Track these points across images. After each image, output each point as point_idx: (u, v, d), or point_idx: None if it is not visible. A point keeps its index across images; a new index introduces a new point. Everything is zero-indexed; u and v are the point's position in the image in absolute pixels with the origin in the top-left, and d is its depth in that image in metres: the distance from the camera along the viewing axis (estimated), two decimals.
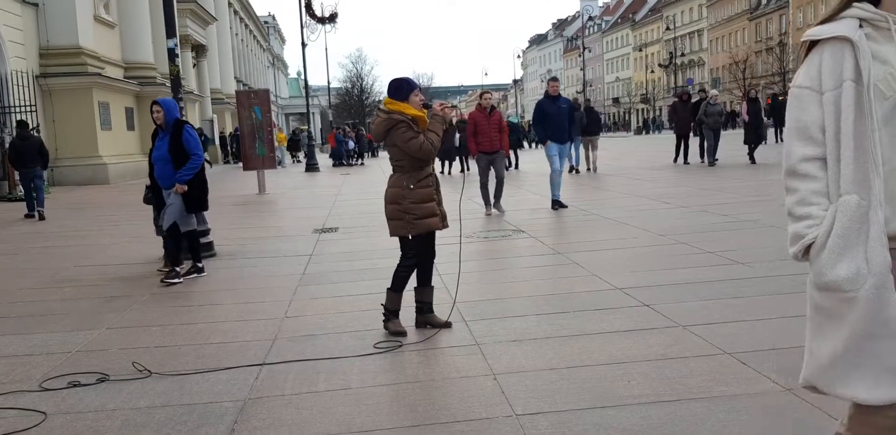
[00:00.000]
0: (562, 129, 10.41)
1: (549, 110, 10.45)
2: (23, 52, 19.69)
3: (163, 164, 6.70)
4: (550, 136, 10.42)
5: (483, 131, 10.11)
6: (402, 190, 4.48)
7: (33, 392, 3.78)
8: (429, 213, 4.49)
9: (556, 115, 10.36)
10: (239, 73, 50.44)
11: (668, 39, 74.83)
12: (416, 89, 4.56)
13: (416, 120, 4.45)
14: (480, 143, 10.15)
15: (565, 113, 10.50)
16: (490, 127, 10.13)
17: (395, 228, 4.56)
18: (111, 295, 6.16)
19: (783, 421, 3.01)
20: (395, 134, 4.42)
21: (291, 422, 3.28)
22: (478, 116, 10.21)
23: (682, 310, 4.71)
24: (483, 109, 10.25)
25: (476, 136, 10.17)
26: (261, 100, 17.22)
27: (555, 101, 10.50)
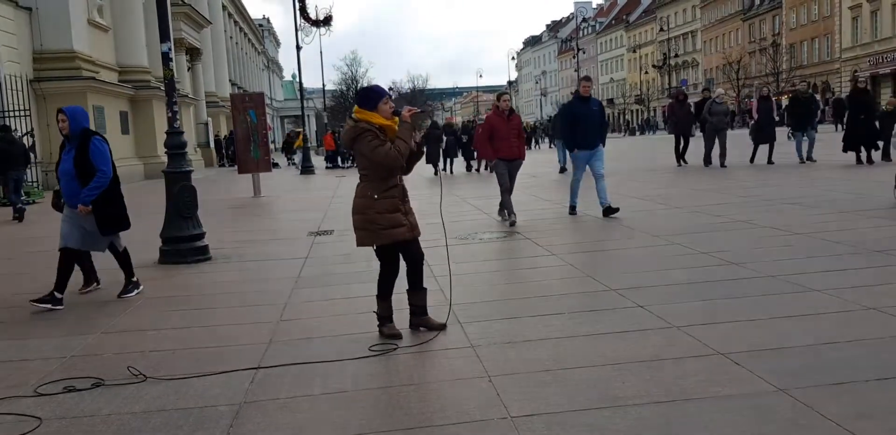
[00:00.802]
0: (594, 133, 9.47)
1: (580, 113, 9.48)
2: (16, 56, 19.66)
3: (68, 180, 5.99)
4: (580, 143, 9.48)
5: (501, 136, 9.25)
6: (367, 200, 4.47)
7: (28, 397, 3.78)
8: (395, 223, 4.46)
9: (587, 119, 9.41)
10: (234, 76, 50.41)
11: (661, 40, 75.02)
12: (385, 97, 4.49)
13: (383, 129, 4.42)
14: (499, 149, 9.33)
15: (597, 116, 9.59)
16: (509, 132, 9.28)
17: (361, 238, 4.56)
18: (106, 300, 6.16)
19: (777, 421, 3.02)
20: (361, 143, 4.40)
21: (287, 425, 3.28)
22: (495, 120, 9.37)
23: (676, 311, 4.73)
24: (501, 113, 9.36)
25: (493, 142, 9.31)
26: (256, 103, 17.21)
27: (586, 102, 9.53)
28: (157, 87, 25.43)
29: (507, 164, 9.41)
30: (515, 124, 9.45)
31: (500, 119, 9.33)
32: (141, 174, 24.65)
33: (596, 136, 9.53)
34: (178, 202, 7.84)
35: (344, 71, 78.82)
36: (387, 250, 4.58)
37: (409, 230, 4.55)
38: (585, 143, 9.47)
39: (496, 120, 9.37)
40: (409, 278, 4.67)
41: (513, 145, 9.33)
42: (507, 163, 9.41)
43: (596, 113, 9.58)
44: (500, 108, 9.39)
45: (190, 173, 8.07)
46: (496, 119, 9.38)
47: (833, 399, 3.19)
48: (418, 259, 4.65)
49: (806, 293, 5.01)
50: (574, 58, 70.52)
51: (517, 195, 13.85)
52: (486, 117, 9.65)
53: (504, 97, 9.59)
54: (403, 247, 4.59)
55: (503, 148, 9.31)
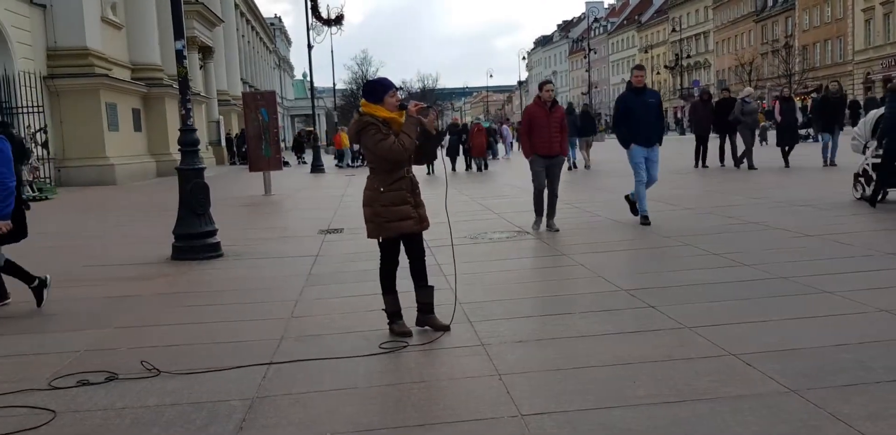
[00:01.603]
0: (650, 128, 8.61)
1: (634, 106, 8.60)
2: (30, 53, 19.78)
3: None
4: (636, 138, 8.59)
5: (541, 130, 8.32)
6: (374, 193, 4.47)
7: (42, 390, 3.81)
8: (401, 216, 4.45)
9: (642, 112, 8.54)
10: (245, 75, 50.58)
11: (673, 41, 74.81)
12: (392, 90, 4.48)
13: (387, 122, 4.40)
14: (537, 143, 8.40)
15: (653, 109, 8.70)
16: (550, 125, 8.32)
17: (369, 231, 4.58)
18: (119, 294, 6.20)
19: (788, 422, 3.02)
20: (366, 136, 4.40)
21: (299, 420, 3.30)
22: (535, 112, 8.43)
23: (687, 311, 4.72)
24: (542, 104, 8.40)
25: (531, 136, 8.44)
26: (267, 101, 17.27)
27: (640, 94, 8.67)
28: (169, 85, 25.53)
29: (546, 161, 8.49)
30: (558, 117, 8.44)
31: (542, 111, 8.41)
32: (153, 171, 24.76)
33: (652, 132, 8.64)
34: (191, 199, 7.88)
35: (354, 70, 78.98)
36: (391, 243, 4.57)
37: (417, 223, 4.53)
38: (641, 139, 8.62)
39: (537, 112, 8.45)
40: (413, 275, 4.65)
41: (553, 140, 8.37)
42: (546, 160, 8.48)
43: (652, 106, 8.68)
44: (542, 98, 8.43)
45: (203, 171, 8.11)
46: (537, 111, 8.45)
47: (845, 400, 3.18)
48: (419, 255, 4.62)
49: (818, 295, 4.99)
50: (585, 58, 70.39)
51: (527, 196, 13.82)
52: (526, 109, 8.82)
53: (547, 87, 8.50)
54: (408, 240, 4.59)
55: (542, 143, 8.39)
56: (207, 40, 35.15)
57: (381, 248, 4.62)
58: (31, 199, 16.58)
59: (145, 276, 7.06)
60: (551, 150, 8.41)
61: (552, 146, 8.39)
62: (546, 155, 8.43)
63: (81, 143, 20.81)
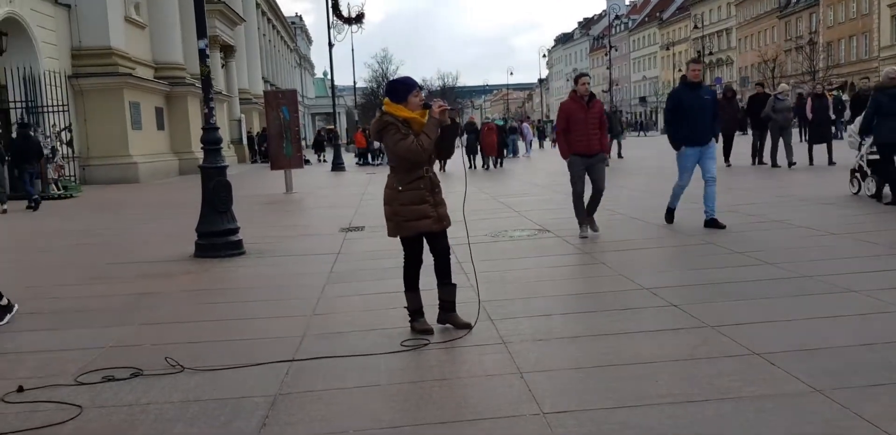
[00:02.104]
0: (704, 127, 7.94)
1: (688, 102, 7.94)
2: (55, 52, 20.03)
3: None
4: (687, 138, 7.96)
5: (578, 127, 7.74)
6: (393, 191, 4.49)
7: (69, 386, 3.86)
8: (419, 215, 4.45)
9: (697, 109, 7.87)
10: (266, 74, 50.85)
11: (695, 38, 74.14)
12: (415, 90, 4.47)
13: (408, 121, 4.40)
14: (575, 142, 7.82)
15: (709, 107, 8.01)
16: (588, 122, 7.73)
17: (389, 229, 4.60)
18: (143, 291, 6.26)
19: (813, 422, 2.99)
20: (386, 136, 4.42)
21: (322, 417, 3.32)
22: (571, 108, 7.80)
23: (710, 310, 4.69)
24: (579, 99, 7.77)
25: (569, 134, 7.85)
26: (288, 100, 17.35)
27: (695, 90, 7.99)
28: (191, 84, 25.74)
29: (585, 160, 7.86)
30: (596, 112, 7.80)
31: (578, 106, 7.77)
32: (176, 170, 24.98)
33: (707, 130, 8.02)
34: (214, 197, 7.94)
35: (375, 68, 79.13)
36: (411, 241, 4.58)
37: (436, 222, 4.52)
38: (695, 138, 7.95)
39: (573, 107, 7.80)
40: (436, 272, 4.65)
41: (591, 138, 7.78)
42: (585, 159, 7.85)
43: (708, 103, 8.04)
44: (578, 92, 7.78)
45: (225, 169, 8.17)
46: (573, 106, 7.81)
47: (871, 400, 3.15)
48: (443, 252, 4.61)
49: (842, 294, 4.94)
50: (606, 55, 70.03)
51: (547, 193, 13.84)
52: (562, 106, 8.04)
53: (582, 80, 7.86)
54: (429, 239, 4.59)
55: (580, 141, 7.78)
56: (229, 39, 35.37)
57: (403, 246, 4.64)
58: (55, 197, 16.81)
59: (168, 273, 7.13)
60: (590, 147, 7.81)
61: (591, 144, 7.80)
62: (585, 153, 7.83)
63: (105, 141, 21.04)
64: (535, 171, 20.39)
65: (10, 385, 3.84)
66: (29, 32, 18.74)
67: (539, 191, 14.35)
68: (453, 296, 4.66)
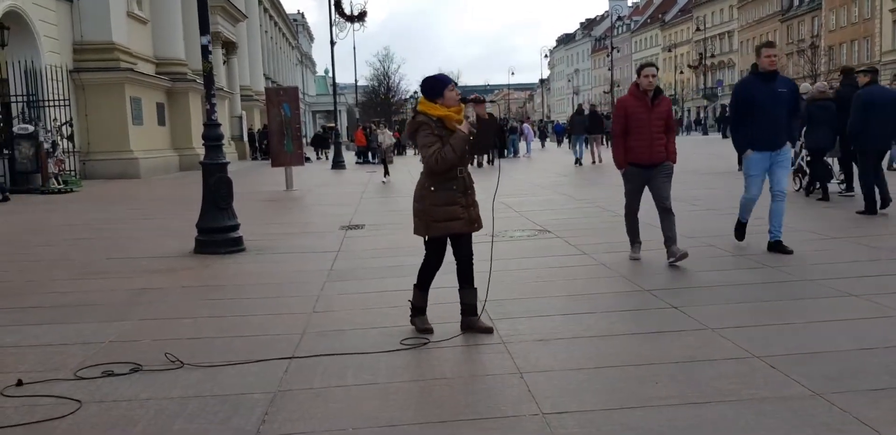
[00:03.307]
0: (777, 127, 6.44)
1: (759, 96, 6.41)
2: (57, 47, 19.99)
3: None
4: (756, 140, 6.48)
5: (641, 130, 6.23)
6: (425, 190, 4.42)
7: (68, 380, 3.86)
8: (449, 216, 4.38)
9: (770, 106, 6.37)
10: (268, 71, 50.80)
11: (697, 40, 74.20)
12: (451, 84, 4.37)
13: (441, 120, 4.32)
14: (634, 148, 6.29)
15: (785, 102, 6.45)
16: (651, 123, 6.23)
17: (416, 227, 4.54)
18: (143, 287, 6.26)
19: (812, 426, 2.99)
20: (418, 137, 4.35)
21: (320, 415, 3.32)
22: (631, 105, 6.31)
23: (710, 312, 4.69)
24: (641, 94, 6.28)
25: (627, 138, 6.34)
26: (290, 97, 17.34)
27: (769, 81, 6.42)
28: (193, 80, 25.71)
29: (646, 172, 6.35)
30: (662, 112, 6.31)
31: (640, 103, 6.27)
32: (176, 166, 24.95)
33: (782, 131, 6.47)
34: (215, 193, 7.93)
35: (376, 67, 79.08)
36: (436, 242, 4.53)
37: (466, 224, 4.45)
38: (765, 141, 6.45)
39: (633, 105, 6.30)
40: (458, 276, 4.60)
41: (656, 144, 6.24)
42: (646, 171, 6.34)
43: (784, 96, 6.44)
44: (641, 86, 6.25)
45: (226, 165, 8.16)
46: (633, 103, 6.31)
47: (871, 404, 3.15)
48: (466, 256, 4.55)
49: (843, 298, 4.94)
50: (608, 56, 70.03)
51: (549, 194, 13.83)
52: (619, 102, 6.57)
53: (647, 71, 6.22)
54: (456, 241, 4.54)
55: (641, 147, 6.26)
56: (231, 36, 35.34)
57: (426, 246, 4.56)
58: (56, 191, 16.80)
59: (168, 269, 7.12)
60: (653, 156, 6.26)
61: (654, 152, 6.26)
62: (646, 164, 6.31)
63: (106, 136, 21.01)
64: (536, 172, 20.38)
65: (9, 379, 3.84)
66: (31, 26, 18.71)
67: (540, 191, 14.35)
68: (475, 299, 4.60)
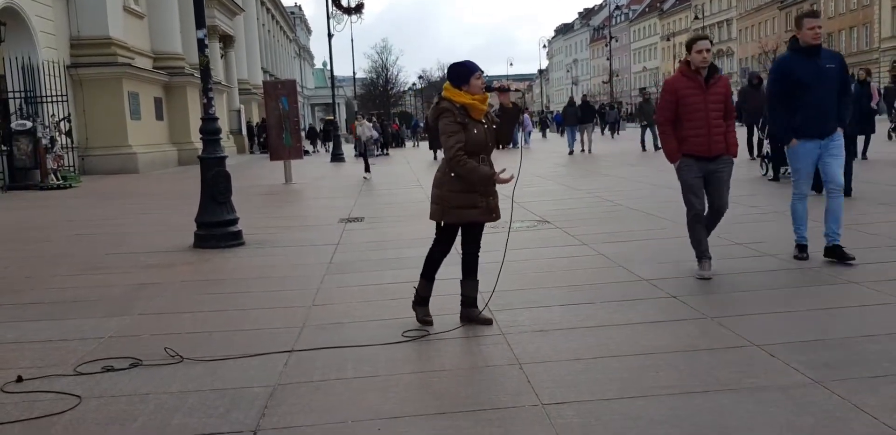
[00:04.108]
0: (826, 111, 5.48)
1: (802, 75, 5.44)
2: (54, 42, 19.93)
3: None
4: (802, 126, 5.49)
5: (694, 116, 5.24)
6: (445, 176, 4.37)
7: (68, 376, 3.86)
8: (467, 203, 4.35)
9: (816, 85, 5.41)
10: (266, 64, 50.68)
11: (696, 29, 73.86)
12: (478, 72, 4.31)
13: (465, 108, 4.27)
14: (689, 138, 5.28)
15: (834, 79, 5.48)
16: (708, 107, 5.22)
17: (433, 212, 4.49)
18: (142, 282, 6.25)
19: (812, 413, 2.99)
20: (441, 123, 4.29)
21: (320, 407, 3.32)
22: (683, 87, 5.26)
23: (710, 301, 4.69)
24: (693, 74, 5.25)
25: (679, 126, 5.34)
26: (288, 90, 17.30)
27: (812, 57, 5.47)
28: (190, 74, 25.64)
29: (704, 165, 5.33)
30: (720, 94, 5.28)
31: (692, 84, 5.24)
32: (175, 160, 24.93)
33: (830, 114, 5.51)
34: (213, 188, 7.92)
35: (374, 59, 78.93)
36: (450, 229, 4.50)
37: (484, 213, 4.42)
38: (811, 128, 5.49)
39: (684, 86, 5.26)
40: (463, 266, 4.59)
41: (713, 132, 5.25)
42: (704, 163, 5.33)
43: (831, 73, 5.48)
44: (693, 64, 5.23)
45: (224, 159, 8.15)
46: (684, 84, 5.26)
47: (871, 392, 3.15)
48: (474, 247, 4.55)
49: (843, 286, 4.94)
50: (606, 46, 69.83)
51: (548, 185, 13.81)
52: (667, 84, 5.44)
53: (699, 45, 5.20)
54: (468, 229, 4.51)
55: (696, 137, 5.25)
56: (228, 29, 35.24)
57: (438, 231, 4.53)
58: (54, 187, 16.79)
59: (168, 263, 7.12)
60: (712, 147, 5.27)
61: (713, 141, 5.27)
62: (704, 156, 5.30)
63: (104, 131, 20.98)
64: (534, 162, 20.35)
65: (9, 375, 3.83)
66: (27, 22, 18.64)
67: (539, 182, 14.32)
68: (475, 291, 4.59)
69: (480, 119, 4.33)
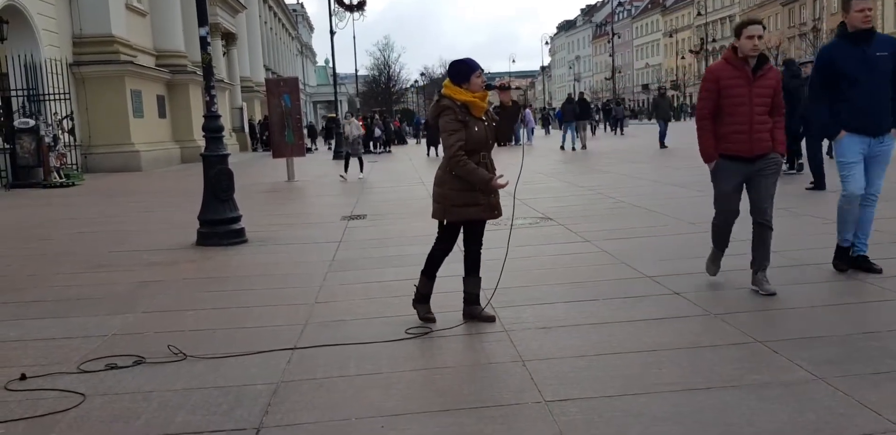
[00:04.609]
0: (878, 103, 4.84)
1: (850, 64, 4.81)
2: (56, 40, 19.94)
3: None
4: (850, 120, 4.88)
5: (737, 110, 4.61)
6: (446, 175, 4.37)
7: (72, 374, 3.86)
8: (469, 201, 4.35)
9: (867, 74, 4.79)
10: (268, 62, 50.65)
11: (699, 25, 73.81)
12: (478, 71, 4.31)
13: (466, 105, 4.28)
14: (728, 135, 4.66)
15: (889, 68, 4.81)
16: (752, 101, 4.60)
17: (434, 211, 4.49)
18: (145, 280, 6.26)
19: (815, 410, 2.99)
20: (442, 121, 4.29)
21: (323, 405, 3.33)
22: (727, 76, 4.65)
23: (713, 298, 4.69)
24: (740, 63, 4.64)
25: (719, 121, 4.70)
26: (290, 88, 17.30)
27: (861, 44, 4.83)
28: (193, 72, 25.64)
29: (743, 167, 4.70)
30: (768, 87, 4.63)
31: (738, 74, 4.61)
32: (178, 158, 24.95)
33: (884, 109, 4.87)
34: (216, 185, 7.93)
35: (376, 56, 78.84)
36: (452, 228, 4.50)
37: (485, 211, 4.42)
38: (860, 123, 4.87)
39: (729, 75, 4.63)
40: (466, 263, 4.59)
41: (755, 128, 4.60)
42: (743, 165, 4.69)
43: (885, 62, 4.81)
44: (742, 51, 4.63)
45: (227, 157, 8.15)
46: (729, 74, 4.64)
47: (873, 388, 3.15)
48: (477, 245, 4.55)
49: (845, 282, 4.93)
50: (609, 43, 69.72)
51: (551, 182, 13.80)
52: (710, 71, 4.83)
53: (751, 29, 4.59)
54: (470, 227, 4.52)
55: (736, 134, 4.62)
56: (230, 27, 35.23)
57: (441, 229, 4.54)
58: (57, 185, 16.82)
59: (171, 261, 7.13)
60: (754, 146, 4.62)
61: (755, 139, 4.61)
62: (744, 156, 4.65)
63: (107, 129, 21.00)
64: (536, 159, 20.34)
65: (13, 373, 3.84)
66: (30, 20, 18.65)
67: (541, 179, 14.32)
68: (478, 289, 4.59)
69: (481, 116, 4.34)
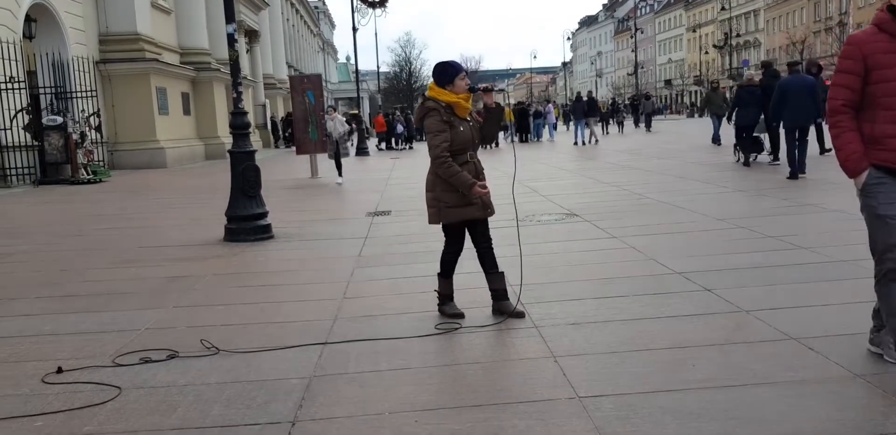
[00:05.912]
0: None
1: (883, 61, 3.16)
2: (83, 38, 20.16)
3: None
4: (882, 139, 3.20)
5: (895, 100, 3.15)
6: (436, 177, 4.40)
7: (107, 367, 3.91)
8: (462, 201, 4.37)
9: None
10: (290, 59, 50.85)
11: (723, 20, 73.00)
12: (462, 73, 4.39)
13: (451, 107, 4.33)
14: (884, 139, 3.20)
15: None
16: None
17: (430, 216, 4.53)
18: (175, 275, 6.32)
19: (854, 408, 2.95)
20: (427, 122, 4.34)
21: (356, 399, 3.34)
22: (880, 50, 3.16)
23: (744, 295, 4.64)
24: None
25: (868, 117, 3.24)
26: (314, 84, 17.36)
27: None
28: (217, 69, 25.82)
29: None
30: None
31: (894, 47, 3.16)
32: (202, 155, 25.14)
33: None
34: (243, 182, 7.98)
35: (398, 53, 78.94)
36: (453, 229, 4.54)
37: (480, 209, 4.46)
38: None
39: (882, 48, 3.17)
40: (482, 263, 4.60)
41: None
42: None
43: None
44: None
45: (254, 153, 8.21)
46: (882, 47, 3.17)
47: None
48: (485, 242, 4.55)
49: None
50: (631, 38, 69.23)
51: (574, 178, 13.75)
52: (851, 42, 3.28)
53: None
54: (472, 227, 4.54)
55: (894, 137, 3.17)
56: (253, 24, 35.41)
57: (444, 233, 4.57)
58: (85, 181, 17.02)
59: (200, 257, 7.19)
60: None
61: None
62: None
63: (133, 126, 21.22)
64: (559, 155, 20.27)
65: (49, 366, 3.90)
66: (57, 18, 18.87)
67: (565, 175, 14.27)
68: (503, 284, 4.59)
69: (466, 117, 4.40)
